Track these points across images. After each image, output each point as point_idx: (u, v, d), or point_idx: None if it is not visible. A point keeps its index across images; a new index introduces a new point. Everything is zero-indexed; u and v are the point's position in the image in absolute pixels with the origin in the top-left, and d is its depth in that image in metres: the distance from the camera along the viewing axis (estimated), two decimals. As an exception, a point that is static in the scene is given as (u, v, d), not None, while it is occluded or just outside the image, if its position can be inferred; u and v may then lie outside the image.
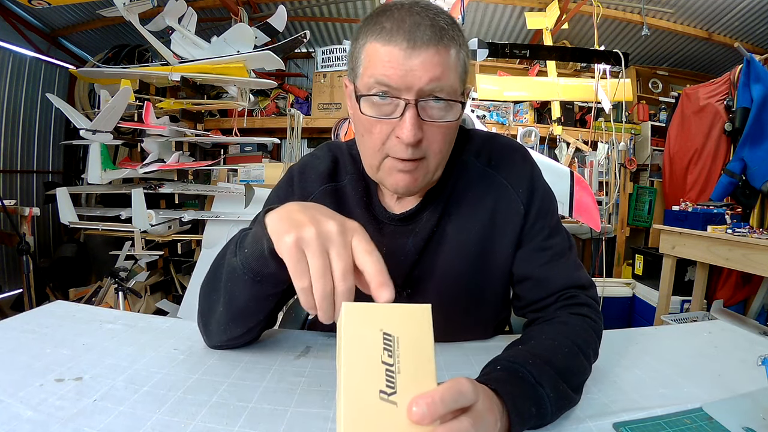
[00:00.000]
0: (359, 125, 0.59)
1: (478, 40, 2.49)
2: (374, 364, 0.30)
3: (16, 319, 0.70)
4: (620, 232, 3.41)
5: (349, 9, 3.52)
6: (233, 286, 0.53)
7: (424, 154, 0.57)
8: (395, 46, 0.52)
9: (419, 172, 0.59)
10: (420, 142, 0.55)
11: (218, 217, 2.65)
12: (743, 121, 2.54)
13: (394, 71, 0.52)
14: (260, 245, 0.47)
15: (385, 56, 0.53)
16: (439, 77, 0.53)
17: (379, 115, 0.55)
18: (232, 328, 0.58)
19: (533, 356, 0.49)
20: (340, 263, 0.39)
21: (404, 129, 0.54)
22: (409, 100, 0.53)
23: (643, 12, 3.16)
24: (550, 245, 0.66)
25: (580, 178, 2.05)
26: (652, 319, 2.63)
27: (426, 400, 0.30)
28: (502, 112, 3.42)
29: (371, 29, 0.55)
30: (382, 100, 0.55)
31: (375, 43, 0.54)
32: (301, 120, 3.41)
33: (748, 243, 1.96)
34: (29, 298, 2.29)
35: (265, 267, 0.48)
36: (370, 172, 0.63)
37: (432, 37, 0.52)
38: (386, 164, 0.59)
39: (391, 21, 0.53)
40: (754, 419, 0.49)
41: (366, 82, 0.55)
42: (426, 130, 0.55)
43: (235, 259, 0.51)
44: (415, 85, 0.53)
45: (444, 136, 0.57)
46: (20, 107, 3.25)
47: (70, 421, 0.44)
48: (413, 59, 0.52)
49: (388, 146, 0.57)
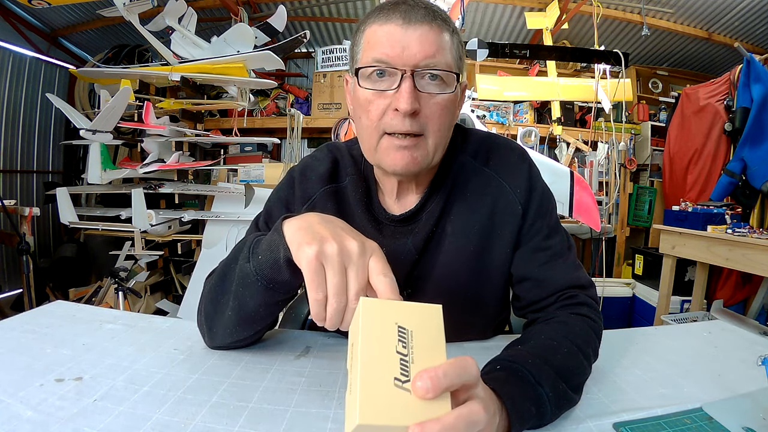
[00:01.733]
0: (357, 106, 0.60)
1: (478, 40, 2.49)
2: (389, 353, 0.31)
3: (16, 319, 0.70)
4: (620, 232, 3.41)
5: (349, 9, 3.52)
6: (244, 292, 0.53)
7: (422, 129, 0.58)
8: (392, 24, 0.56)
9: (418, 151, 0.58)
10: (417, 114, 0.56)
11: (218, 217, 2.65)
12: (743, 121, 2.54)
13: (391, 47, 0.55)
14: (276, 253, 0.47)
15: (383, 35, 0.56)
16: (434, 53, 0.56)
17: (377, 89, 0.57)
18: (240, 332, 0.58)
19: (532, 356, 0.49)
20: (356, 284, 0.40)
21: (401, 99, 0.55)
22: (405, 71, 0.55)
23: (643, 12, 3.16)
24: (548, 245, 0.66)
25: (580, 178, 2.04)
26: (652, 319, 2.63)
27: (429, 374, 0.31)
28: (502, 112, 3.42)
29: (369, 17, 0.60)
30: (379, 77, 0.57)
31: (373, 26, 0.58)
32: (301, 120, 3.41)
33: (748, 243, 1.96)
34: (29, 298, 2.29)
35: (279, 275, 0.48)
36: (368, 155, 0.63)
37: (426, 15, 0.56)
38: (384, 143, 0.59)
39: (388, 6, 0.58)
40: (754, 419, 0.49)
41: (365, 61, 0.58)
42: (423, 104, 0.56)
43: (248, 264, 0.51)
44: (411, 59, 0.55)
45: (441, 112, 0.58)
46: (20, 107, 3.25)
47: (70, 421, 0.44)
48: (409, 33, 0.55)
49: (385, 122, 0.57)
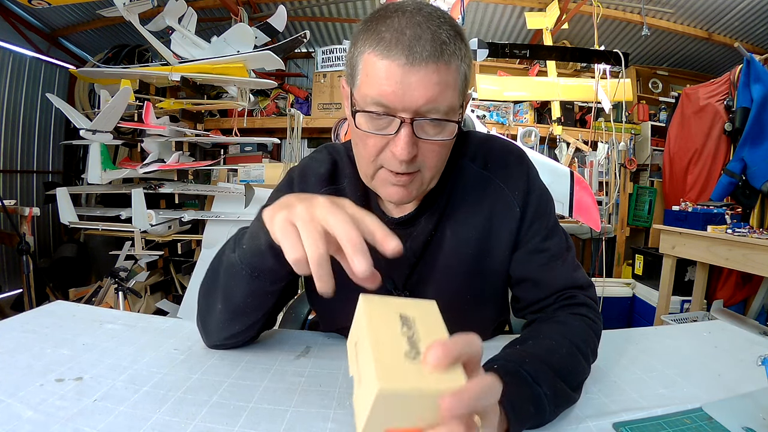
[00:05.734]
0: (355, 135, 0.59)
1: (478, 40, 2.49)
2: (396, 335, 0.33)
3: (16, 319, 0.70)
4: (620, 232, 3.41)
5: (349, 9, 3.52)
6: (231, 282, 0.54)
7: (419, 168, 0.57)
8: (393, 61, 0.50)
9: (413, 186, 0.58)
10: (414, 158, 0.55)
11: (218, 217, 2.65)
12: (743, 121, 2.54)
13: (391, 90, 0.51)
14: (258, 240, 0.48)
15: (383, 72, 0.51)
16: (436, 98, 0.51)
17: (375, 130, 0.55)
18: (230, 326, 0.59)
19: (530, 355, 0.49)
20: (335, 226, 0.37)
21: (398, 146, 0.53)
22: (404, 119, 0.52)
23: (643, 12, 3.16)
24: (547, 247, 0.66)
25: (580, 178, 2.05)
26: (652, 319, 2.63)
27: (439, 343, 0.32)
28: (502, 112, 3.42)
29: (370, 38, 0.52)
30: (378, 117, 0.54)
31: (372, 55, 0.52)
32: (301, 120, 3.41)
33: (748, 243, 1.96)
34: (29, 298, 2.29)
35: (263, 262, 0.49)
36: (365, 180, 0.63)
37: (432, 53, 0.50)
38: (380, 175, 0.58)
39: (391, 31, 0.51)
40: (754, 419, 0.49)
41: (363, 98, 0.54)
42: (421, 146, 0.55)
43: (233, 255, 0.53)
44: (411, 105, 0.51)
45: (439, 152, 0.57)
46: (20, 107, 3.25)
47: (70, 421, 0.44)
48: (411, 76, 0.50)
49: (382, 158, 0.57)
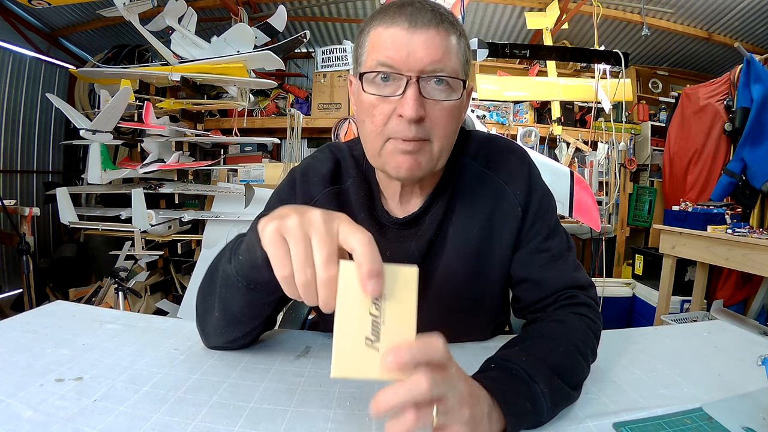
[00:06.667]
0: (361, 110, 0.59)
1: (478, 40, 2.49)
2: (363, 315, 0.35)
3: (16, 319, 0.70)
4: (620, 232, 3.41)
5: (349, 9, 3.52)
6: (228, 293, 0.53)
7: (428, 135, 0.56)
8: (397, 27, 0.54)
9: (423, 156, 0.57)
10: (423, 120, 0.55)
11: (218, 217, 2.65)
12: (743, 121, 2.54)
13: (396, 51, 0.54)
14: (254, 252, 0.46)
15: (388, 38, 0.54)
16: (440, 58, 0.54)
17: (382, 94, 0.55)
18: (229, 333, 0.58)
19: (527, 354, 0.49)
20: (322, 250, 0.36)
21: (406, 105, 0.53)
22: (410, 77, 0.53)
23: (643, 12, 3.16)
24: (548, 247, 0.66)
25: (580, 178, 2.04)
26: (652, 319, 2.63)
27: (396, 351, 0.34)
28: (502, 112, 3.42)
29: (374, 18, 0.57)
30: (384, 81, 0.55)
31: (378, 28, 0.56)
32: (301, 120, 3.41)
33: (748, 243, 1.96)
34: (29, 298, 2.29)
35: (259, 275, 0.47)
36: (372, 159, 0.62)
37: (432, 18, 0.54)
38: (388, 146, 0.57)
39: (394, 8, 0.56)
40: (754, 419, 0.49)
41: (369, 65, 0.56)
42: (428, 110, 0.55)
43: (229, 265, 0.51)
44: (416, 64, 0.53)
45: (447, 117, 0.56)
46: (20, 107, 3.25)
47: (70, 421, 0.44)
48: (415, 38, 0.53)
49: (389, 127, 0.56)
